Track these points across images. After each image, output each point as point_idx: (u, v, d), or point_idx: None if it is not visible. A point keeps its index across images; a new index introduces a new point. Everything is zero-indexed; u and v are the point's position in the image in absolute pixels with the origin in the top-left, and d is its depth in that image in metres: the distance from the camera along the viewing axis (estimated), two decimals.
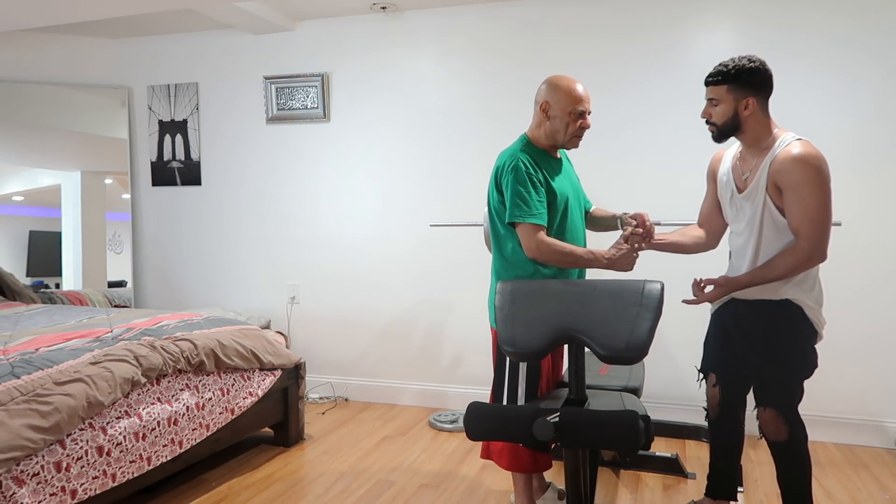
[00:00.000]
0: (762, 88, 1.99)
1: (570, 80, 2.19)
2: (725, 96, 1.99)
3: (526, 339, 1.82)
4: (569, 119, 2.17)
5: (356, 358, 4.03)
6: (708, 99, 2.04)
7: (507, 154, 2.21)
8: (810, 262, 1.93)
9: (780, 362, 2.04)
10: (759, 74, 1.97)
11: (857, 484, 2.75)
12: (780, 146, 1.97)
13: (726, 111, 2.00)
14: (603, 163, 3.44)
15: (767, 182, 1.98)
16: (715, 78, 2.00)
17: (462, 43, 3.71)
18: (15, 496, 1.83)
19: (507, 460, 2.25)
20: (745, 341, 2.12)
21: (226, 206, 4.23)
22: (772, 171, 1.96)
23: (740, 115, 1.99)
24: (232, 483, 2.77)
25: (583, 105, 2.18)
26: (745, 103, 1.98)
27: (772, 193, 1.98)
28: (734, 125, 2.02)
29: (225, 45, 4.14)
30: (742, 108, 1.99)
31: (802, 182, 1.90)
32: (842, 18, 3.14)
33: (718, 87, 2.00)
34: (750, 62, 1.97)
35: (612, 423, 1.62)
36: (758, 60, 1.98)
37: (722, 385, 2.26)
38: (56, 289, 4.30)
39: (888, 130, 3.12)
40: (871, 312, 3.18)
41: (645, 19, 3.40)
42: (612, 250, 2.17)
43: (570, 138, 2.21)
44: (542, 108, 2.20)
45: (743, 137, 2.06)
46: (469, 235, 3.73)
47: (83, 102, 4.35)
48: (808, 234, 1.90)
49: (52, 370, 2.15)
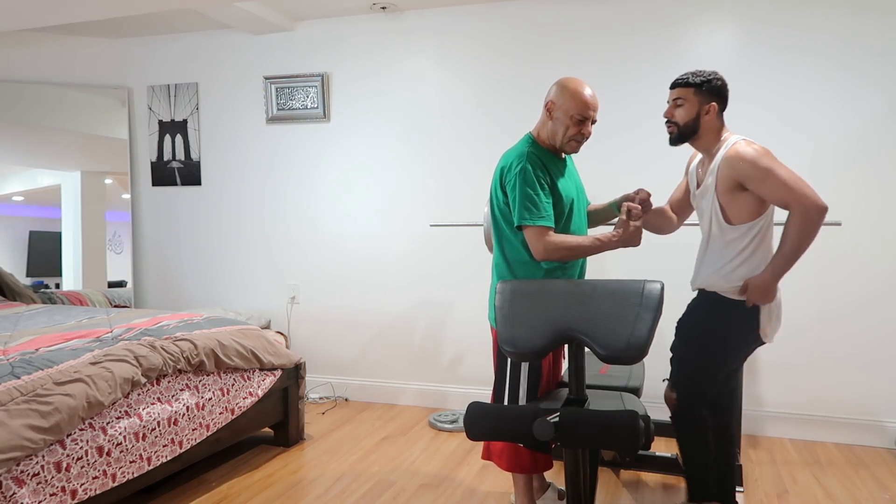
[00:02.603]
0: (722, 100, 2.15)
1: (580, 84, 2.16)
2: (692, 98, 2.12)
3: (526, 338, 1.82)
4: (569, 122, 2.15)
5: (356, 358, 4.03)
6: (673, 99, 2.17)
7: (512, 154, 2.19)
8: (810, 218, 1.98)
9: (683, 340, 2.24)
10: (724, 89, 2.14)
11: (857, 484, 2.75)
12: (725, 148, 2.10)
13: (689, 112, 2.13)
14: (603, 162, 3.44)
15: (717, 182, 2.09)
16: (685, 79, 2.14)
17: (462, 43, 3.71)
18: (15, 496, 1.83)
19: (507, 461, 2.25)
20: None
21: (226, 206, 4.23)
22: (721, 171, 2.08)
23: (701, 118, 2.12)
24: (232, 483, 2.77)
25: (586, 112, 2.15)
26: (708, 108, 2.12)
27: (720, 193, 2.09)
28: (694, 128, 2.14)
29: (225, 45, 4.14)
30: (704, 112, 2.12)
31: (757, 167, 2.01)
32: (845, 16, 3.13)
33: (687, 89, 2.13)
34: (717, 78, 2.13)
35: (612, 423, 1.62)
36: (722, 78, 2.15)
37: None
38: (56, 289, 4.30)
39: (891, 132, 3.12)
40: (871, 313, 3.18)
41: (646, 19, 3.40)
42: (619, 230, 2.17)
43: (568, 142, 2.19)
44: (548, 107, 2.19)
45: (698, 143, 2.18)
46: (469, 235, 3.73)
47: (83, 102, 4.35)
48: (792, 197, 1.98)
49: (52, 370, 2.15)
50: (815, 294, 3.24)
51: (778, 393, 3.33)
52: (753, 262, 2.09)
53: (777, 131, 3.25)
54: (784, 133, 3.25)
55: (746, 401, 3.20)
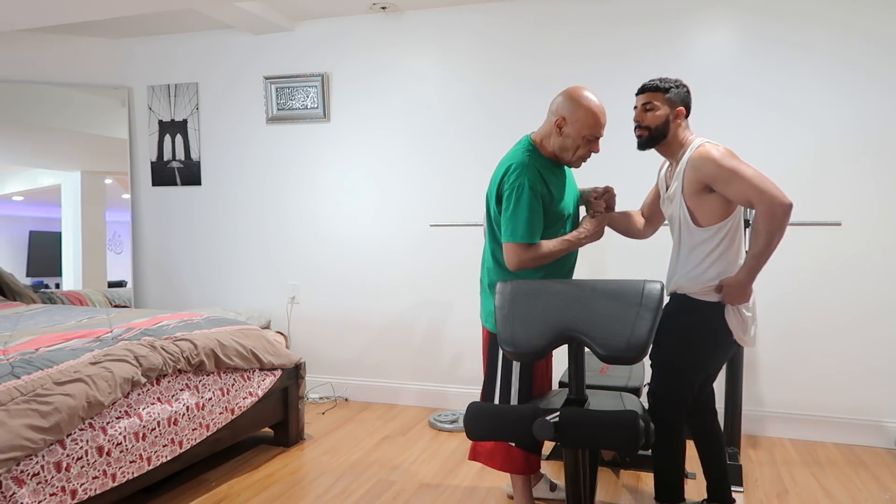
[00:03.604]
0: (688, 107, 2.18)
1: (594, 103, 2.12)
2: (662, 103, 2.15)
3: (525, 338, 1.82)
4: (581, 142, 2.13)
5: (356, 358, 4.03)
6: (643, 104, 2.17)
7: (514, 162, 2.14)
8: (776, 215, 1.99)
9: (656, 345, 2.18)
10: (689, 96, 2.19)
11: (857, 484, 2.75)
12: (690, 151, 2.12)
13: (660, 116, 2.14)
14: (601, 160, 3.44)
15: (684, 186, 2.11)
16: (653, 84, 2.17)
17: (462, 42, 3.71)
18: (15, 496, 1.83)
19: (499, 461, 2.26)
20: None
21: (226, 206, 4.23)
22: (687, 175, 2.10)
23: (671, 122, 2.14)
24: (232, 483, 2.77)
25: (600, 131, 2.15)
26: (677, 112, 2.15)
27: (687, 196, 2.11)
28: (664, 132, 2.15)
29: (225, 45, 4.14)
30: (673, 117, 2.15)
31: (722, 168, 2.02)
32: (846, 10, 3.12)
33: (656, 93, 2.16)
34: (683, 85, 2.18)
35: (612, 423, 1.63)
36: (687, 86, 2.19)
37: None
38: (56, 289, 4.30)
39: (891, 132, 3.12)
40: (871, 313, 3.18)
41: (646, 17, 3.40)
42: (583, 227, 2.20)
43: (577, 159, 2.18)
44: (557, 122, 2.13)
45: (665, 148, 2.19)
46: (469, 235, 3.73)
47: (83, 102, 4.35)
48: (758, 196, 1.99)
49: (52, 370, 2.15)
50: (814, 294, 3.24)
51: (778, 393, 3.33)
52: (723, 263, 2.09)
53: (777, 127, 3.25)
54: (784, 129, 3.24)
55: (746, 401, 3.19)
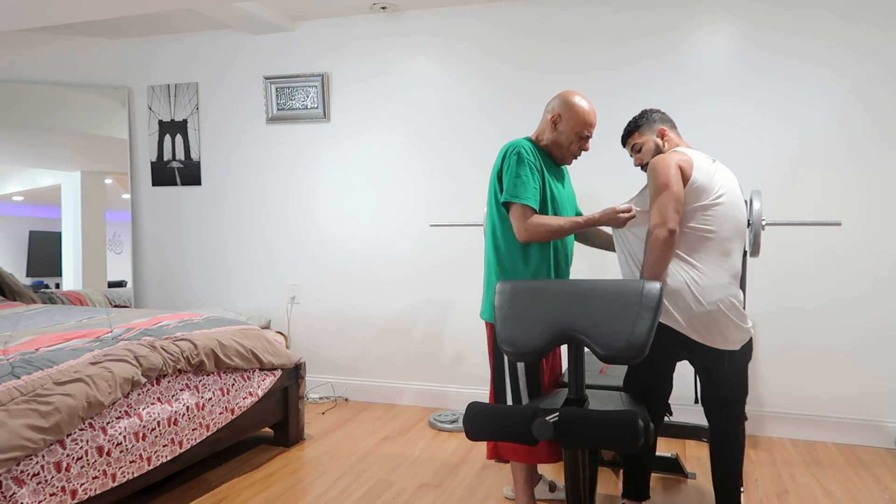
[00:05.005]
0: (665, 122, 2.29)
1: (585, 104, 2.26)
2: (644, 136, 2.28)
3: (525, 338, 1.82)
4: (573, 138, 2.28)
5: (356, 358, 4.03)
6: (630, 149, 2.32)
7: (513, 144, 2.26)
8: (657, 240, 2.03)
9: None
10: (657, 113, 2.29)
11: (857, 484, 2.75)
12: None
13: (650, 148, 2.26)
14: (600, 168, 3.44)
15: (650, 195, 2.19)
16: (628, 130, 2.31)
17: (462, 43, 3.71)
18: (15, 496, 1.83)
19: (523, 453, 2.27)
20: None
21: (226, 206, 4.23)
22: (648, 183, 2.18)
23: (661, 146, 2.25)
24: (232, 483, 2.77)
25: (590, 129, 2.29)
26: (660, 132, 2.26)
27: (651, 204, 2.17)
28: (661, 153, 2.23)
29: (225, 45, 4.14)
30: (660, 138, 2.26)
31: (652, 176, 2.10)
32: (844, 21, 3.14)
33: (634, 134, 2.30)
34: (652, 110, 2.30)
35: (611, 423, 1.62)
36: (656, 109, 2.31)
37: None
38: (56, 289, 4.30)
39: (890, 132, 3.12)
40: (871, 313, 3.18)
41: (645, 22, 3.40)
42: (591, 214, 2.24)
43: (567, 155, 2.31)
44: (553, 119, 2.27)
45: None
46: (469, 235, 3.73)
47: (83, 102, 4.35)
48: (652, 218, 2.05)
49: (52, 370, 2.15)
50: (814, 293, 3.24)
51: (778, 393, 3.33)
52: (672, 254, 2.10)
53: (775, 134, 3.25)
54: (782, 136, 3.25)
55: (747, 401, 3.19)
